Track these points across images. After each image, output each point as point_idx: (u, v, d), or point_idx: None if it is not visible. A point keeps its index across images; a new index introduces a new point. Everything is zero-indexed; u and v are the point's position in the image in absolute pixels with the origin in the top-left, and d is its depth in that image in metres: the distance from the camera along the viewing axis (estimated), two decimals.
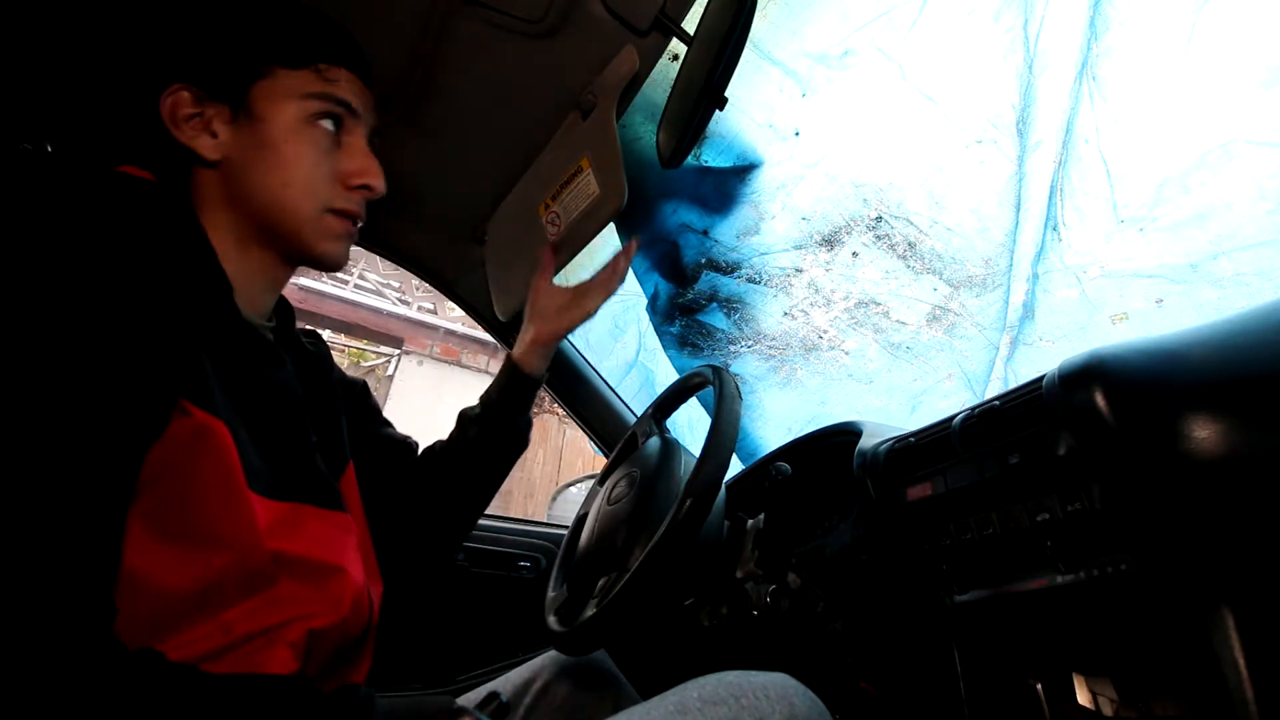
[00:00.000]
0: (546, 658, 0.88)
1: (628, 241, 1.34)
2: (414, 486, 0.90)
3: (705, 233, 1.26)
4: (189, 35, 0.65)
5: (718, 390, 0.81)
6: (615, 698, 0.83)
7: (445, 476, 0.92)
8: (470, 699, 0.80)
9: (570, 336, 1.43)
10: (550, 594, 0.89)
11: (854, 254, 1.17)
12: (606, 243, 1.38)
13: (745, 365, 1.37)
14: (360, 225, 0.72)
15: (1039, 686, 0.59)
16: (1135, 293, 0.93)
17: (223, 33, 0.65)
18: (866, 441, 0.82)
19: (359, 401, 0.88)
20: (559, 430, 6.48)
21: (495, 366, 5.98)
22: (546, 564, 1.49)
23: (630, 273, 1.39)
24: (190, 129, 0.63)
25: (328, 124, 0.67)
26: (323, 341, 0.87)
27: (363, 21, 0.81)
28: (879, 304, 1.20)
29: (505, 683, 0.86)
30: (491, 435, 0.93)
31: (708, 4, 0.79)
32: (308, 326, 0.86)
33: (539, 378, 0.96)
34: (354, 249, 0.79)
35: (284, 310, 0.75)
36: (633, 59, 0.85)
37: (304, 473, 0.63)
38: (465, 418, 0.95)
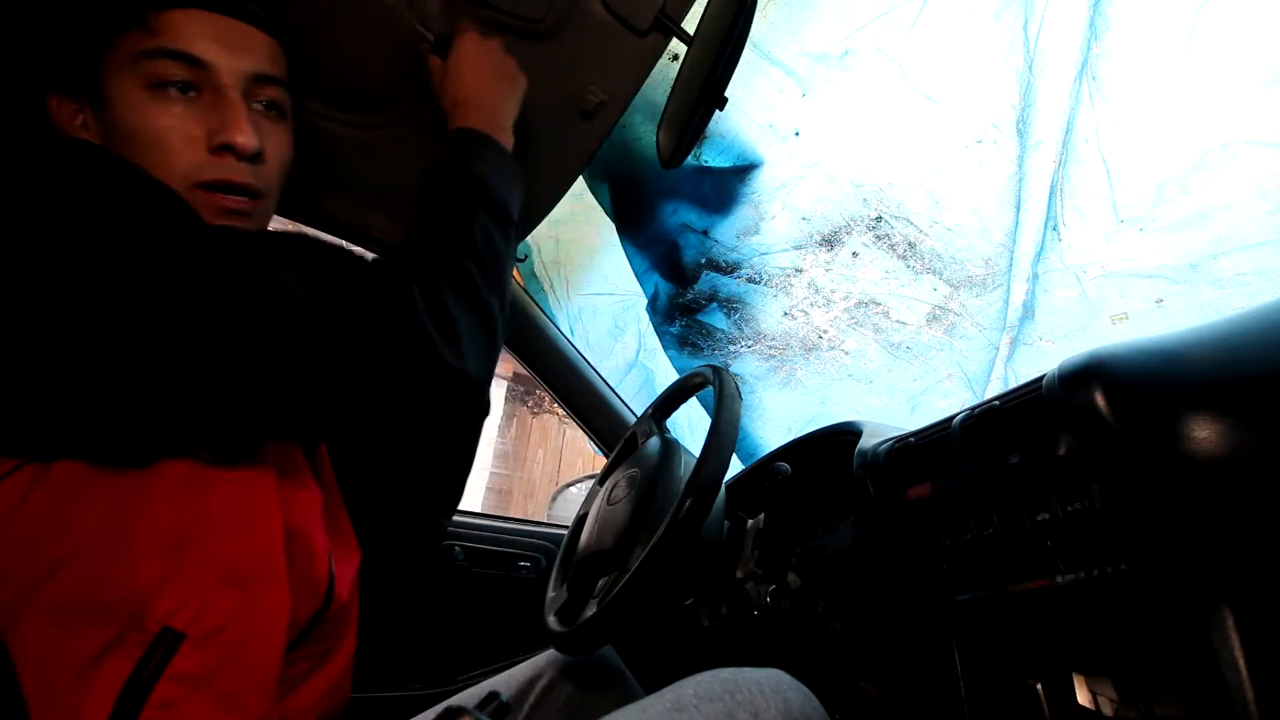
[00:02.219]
0: (550, 655, 0.88)
1: (628, 245, 1.35)
2: (391, 457, 0.87)
3: (705, 233, 1.26)
4: (32, 34, 0.60)
5: (718, 390, 0.81)
6: (620, 696, 0.83)
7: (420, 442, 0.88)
8: (470, 698, 0.80)
9: (571, 336, 1.43)
10: (550, 594, 0.89)
11: (854, 254, 1.17)
12: (609, 243, 1.38)
13: (745, 365, 1.37)
14: (258, 196, 0.62)
15: (1039, 686, 0.59)
16: (1135, 293, 0.93)
17: (55, 20, 0.59)
18: (866, 441, 0.82)
19: None
20: (559, 430, 6.48)
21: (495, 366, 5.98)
22: (546, 564, 1.49)
23: (630, 272, 1.39)
24: (74, 128, 0.59)
25: (165, 82, 0.57)
26: None
27: (363, 21, 0.81)
28: (879, 304, 1.20)
29: (507, 681, 0.86)
30: None
31: (708, 4, 0.79)
32: None
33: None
34: (353, 249, 0.76)
35: None
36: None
37: None
38: None
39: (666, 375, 1.49)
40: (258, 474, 0.55)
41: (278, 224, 0.72)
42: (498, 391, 6.11)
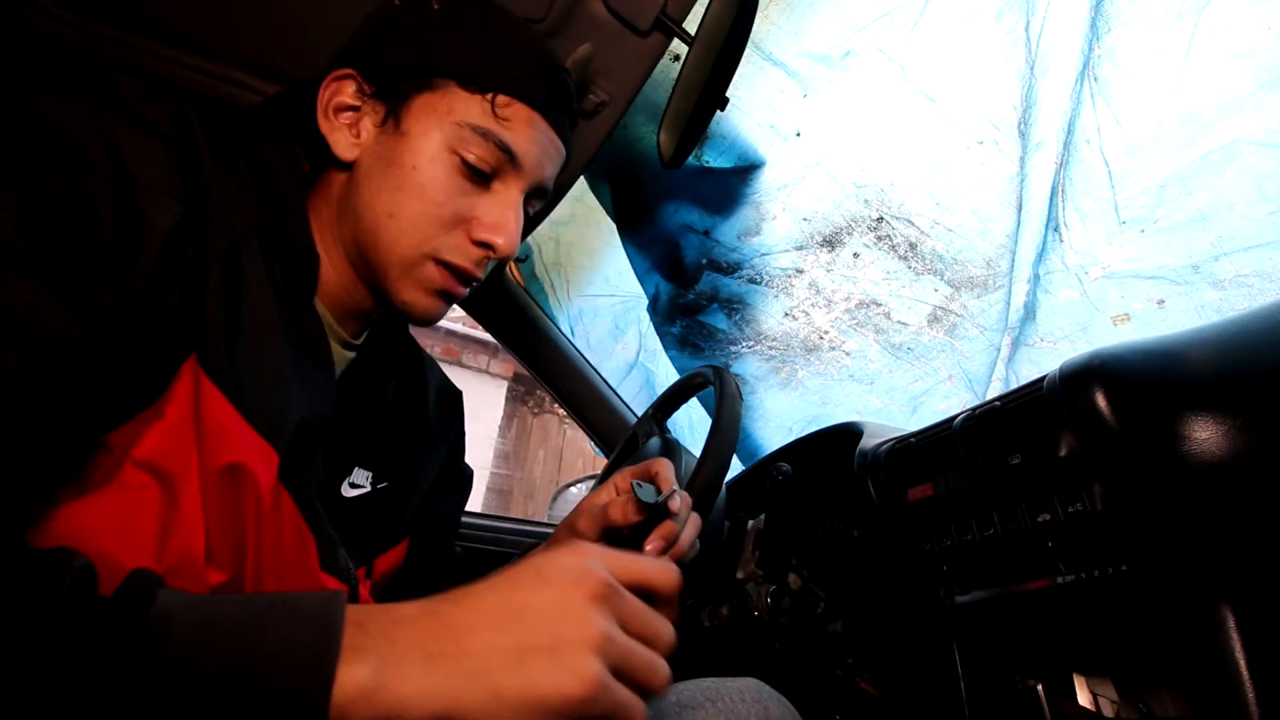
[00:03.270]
0: None
1: (629, 246, 1.35)
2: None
3: (706, 233, 1.26)
4: (381, 21, 0.58)
5: (718, 390, 0.81)
6: None
7: None
8: None
9: (571, 337, 1.43)
10: None
11: (855, 255, 1.17)
12: (609, 244, 1.38)
13: (746, 366, 1.37)
14: (472, 287, 0.59)
15: (1039, 686, 0.59)
16: (1136, 294, 0.93)
17: (414, 27, 0.57)
18: (867, 442, 0.82)
19: (450, 489, 0.78)
20: (559, 430, 6.48)
21: (496, 367, 5.99)
22: None
23: (631, 273, 1.39)
24: (338, 120, 0.57)
25: (476, 165, 0.55)
26: (456, 407, 0.78)
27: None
28: (880, 305, 1.20)
29: None
30: None
31: (709, 4, 0.79)
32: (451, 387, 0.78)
33: None
34: None
35: (386, 338, 0.66)
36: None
37: None
38: None
39: (667, 376, 1.49)
40: None
41: None
42: (498, 392, 6.11)
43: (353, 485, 0.62)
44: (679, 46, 0.85)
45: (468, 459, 0.84)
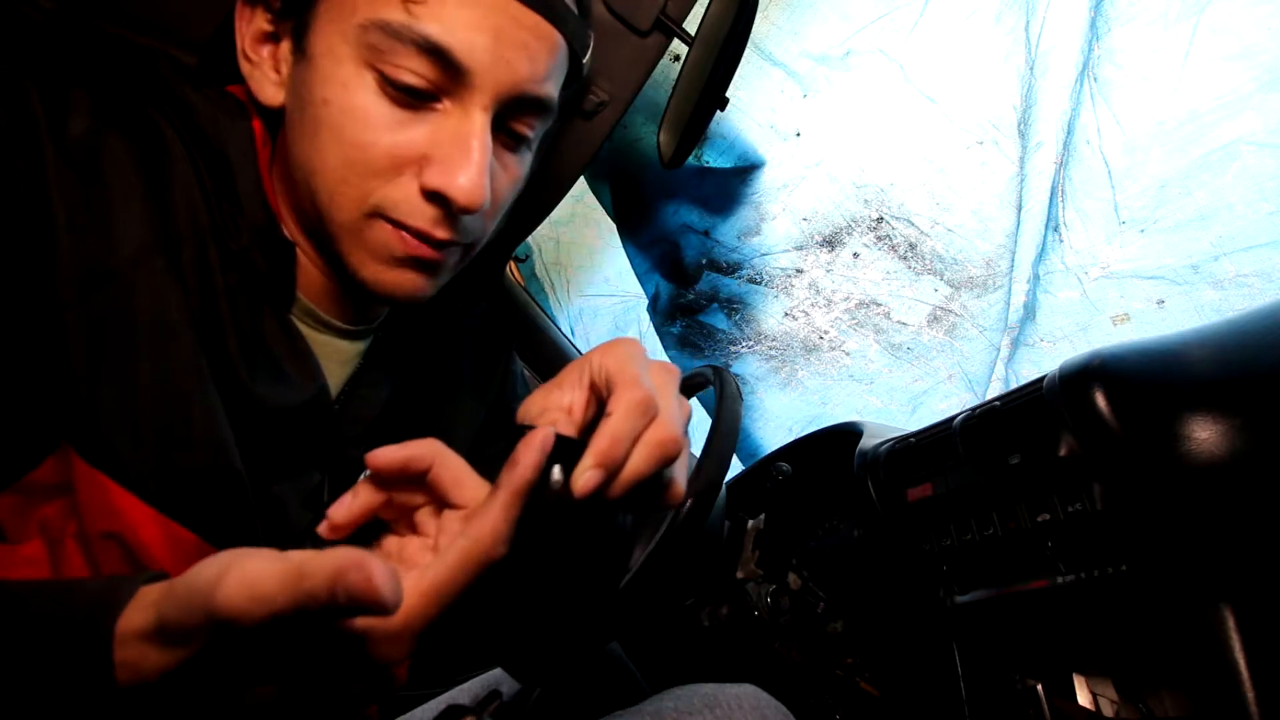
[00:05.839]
0: None
1: (629, 246, 1.34)
2: None
3: (706, 233, 1.27)
4: None
5: (718, 390, 0.81)
6: (625, 693, 0.83)
7: None
8: (472, 696, 0.80)
9: (571, 337, 1.43)
10: None
11: (855, 255, 1.17)
12: (609, 244, 1.38)
13: (746, 366, 1.37)
14: (455, 246, 0.44)
15: (1039, 686, 0.59)
16: (1136, 294, 0.93)
17: None
18: (867, 442, 0.82)
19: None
20: None
21: None
22: None
23: (631, 273, 1.39)
24: (260, 56, 0.44)
25: (406, 82, 0.39)
26: (496, 353, 0.65)
27: None
28: (880, 305, 1.20)
29: (509, 679, 0.86)
30: None
31: (709, 5, 0.79)
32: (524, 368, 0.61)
33: None
34: None
35: (402, 320, 0.56)
36: None
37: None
38: None
39: None
40: None
41: None
42: None
43: None
44: (679, 46, 0.85)
45: None
